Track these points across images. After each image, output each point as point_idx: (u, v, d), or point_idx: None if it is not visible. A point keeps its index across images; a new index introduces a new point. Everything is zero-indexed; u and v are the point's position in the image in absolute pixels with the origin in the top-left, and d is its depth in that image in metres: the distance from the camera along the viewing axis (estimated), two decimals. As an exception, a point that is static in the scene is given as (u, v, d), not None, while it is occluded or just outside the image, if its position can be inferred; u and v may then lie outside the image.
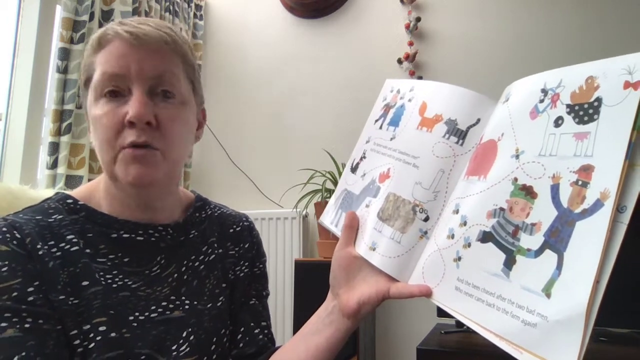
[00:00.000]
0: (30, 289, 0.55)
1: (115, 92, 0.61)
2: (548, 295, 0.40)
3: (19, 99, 1.67)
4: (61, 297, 0.57)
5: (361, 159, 0.68)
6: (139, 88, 0.61)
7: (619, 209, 0.38)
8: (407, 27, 2.10)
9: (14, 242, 0.56)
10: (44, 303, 0.55)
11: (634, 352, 1.28)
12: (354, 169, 0.69)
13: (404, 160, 0.60)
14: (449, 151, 0.57)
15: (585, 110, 0.43)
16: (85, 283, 0.59)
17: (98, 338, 0.57)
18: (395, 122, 0.64)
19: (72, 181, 1.64)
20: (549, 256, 0.42)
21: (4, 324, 0.52)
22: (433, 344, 1.55)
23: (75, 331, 0.57)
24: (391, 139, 0.63)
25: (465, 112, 0.57)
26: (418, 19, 2.08)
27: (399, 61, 2.11)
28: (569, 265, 0.40)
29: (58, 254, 0.59)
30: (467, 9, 2.08)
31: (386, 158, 0.63)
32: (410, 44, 2.10)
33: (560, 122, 0.45)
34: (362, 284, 0.58)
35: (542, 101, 0.49)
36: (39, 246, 0.58)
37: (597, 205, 0.39)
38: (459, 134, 0.57)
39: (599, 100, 0.42)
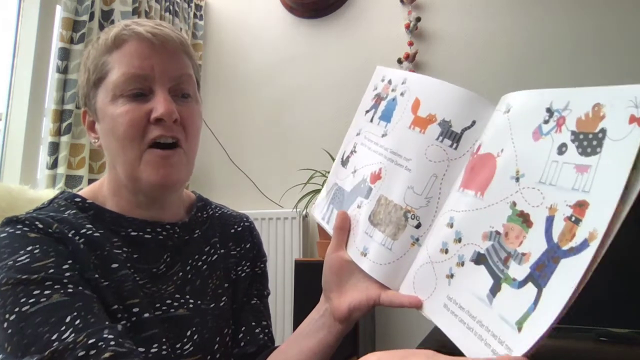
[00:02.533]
0: (65, 266, 0.55)
1: (136, 92, 0.62)
2: (519, 329, 0.39)
3: (19, 99, 1.67)
4: (95, 276, 0.57)
5: (352, 152, 0.66)
6: (162, 88, 0.63)
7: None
8: (407, 27, 2.10)
9: (41, 231, 0.57)
10: (80, 278, 0.56)
11: (634, 352, 1.27)
12: (344, 162, 0.67)
13: (396, 161, 0.58)
14: (442, 155, 0.54)
15: (589, 140, 0.40)
16: (114, 265, 0.60)
17: (133, 319, 0.58)
18: (386, 117, 0.62)
19: (72, 181, 1.64)
20: (530, 289, 0.40)
21: (47, 292, 0.52)
22: (433, 344, 1.55)
23: (115, 306, 0.57)
24: (382, 136, 0.61)
25: (460, 114, 0.54)
26: (418, 19, 2.08)
27: (399, 61, 2.11)
28: (543, 302, 0.38)
29: (82, 240, 0.59)
30: (467, 9, 2.08)
31: (377, 156, 0.61)
32: (410, 44, 2.10)
33: (564, 149, 0.42)
34: (353, 289, 0.57)
35: (546, 122, 0.45)
36: (65, 231, 0.58)
37: (584, 245, 0.37)
38: (453, 136, 0.54)
39: (603, 131, 0.39)
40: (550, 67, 1.93)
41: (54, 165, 1.61)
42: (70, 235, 0.58)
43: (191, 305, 0.66)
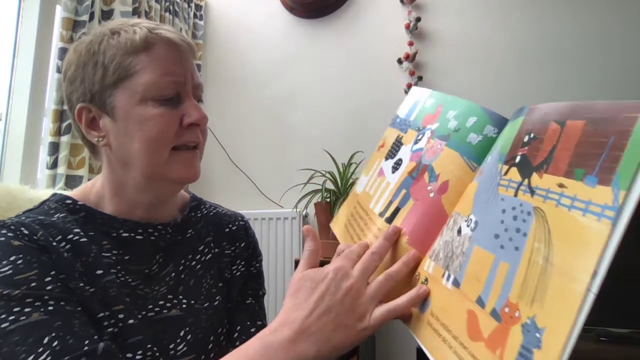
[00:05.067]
0: (48, 279, 0.55)
1: (170, 97, 0.64)
2: None
3: (19, 99, 1.67)
4: (80, 284, 0.57)
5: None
6: (189, 94, 0.66)
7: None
8: (407, 27, 2.10)
9: (25, 238, 0.57)
10: (63, 290, 0.56)
11: (634, 352, 1.27)
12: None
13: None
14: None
15: None
16: (99, 272, 0.60)
17: (120, 324, 0.58)
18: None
19: (72, 181, 1.64)
20: None
21: (27, 309, 0.52)
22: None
23: (101, 314, 0.57)
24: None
25: None
26: (418, 19, 2.08)
27: (399, 61, 2.11)
28: None
29: (68, 246, 0.60)
30: (467, 9, 2.08)
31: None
32: (410, 44, 2.10)
33: None
34: None
35: None
36: (50, 239, 0.58)
37: None
38: None
39: None
40: (550, 67, 1.93)
41: (54, 165, 1.62)
42: (55, 243, 0.58)
43: (184, 306, 0.66)
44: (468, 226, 0.46)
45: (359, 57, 2.21)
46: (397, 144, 0.63)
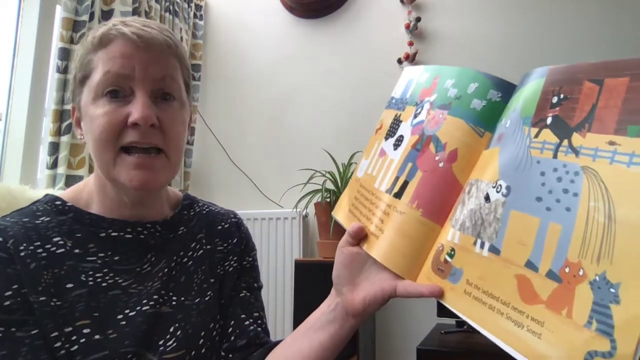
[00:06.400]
0: (8, 293, 0.55)
1: (117, 92, 0.61)
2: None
3: (19, 99, 1.67)
4: (42, 298, 0.57)
5: None
6: (142, 90, 0.62)
7: None
8: (407, 27, 2.10)
9: None
10: (20, 307, 0.55)
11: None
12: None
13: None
14: None
15: None
16: (69, 285, 0.60)
17: (82, 340, 0.57)
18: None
19: (72, 181, 1.64)
20: None
21: None
22: (433, 344, 1.55)
23: (56, 333, 0.57)
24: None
25: None
26: (418, 19, 2.08)
27: (399, 61, 2.11)
28: None
29: (43, 254, 0.59)
30: (467, 8, 2.08)
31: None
32: (410, 44, 2.10)
33: None
34: (366, 282, 0.56)
35: None
36: (21, 247, 0.58)
37: None
38: None
39: None
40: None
41: (54, 165, 1.62)
42: (23, 254, 0.58)
43: (174, 303, 0.66)
44: (498, 192, 0.45)
45: (359, 57, 2.21)
46: (396, 123, 0.62)
